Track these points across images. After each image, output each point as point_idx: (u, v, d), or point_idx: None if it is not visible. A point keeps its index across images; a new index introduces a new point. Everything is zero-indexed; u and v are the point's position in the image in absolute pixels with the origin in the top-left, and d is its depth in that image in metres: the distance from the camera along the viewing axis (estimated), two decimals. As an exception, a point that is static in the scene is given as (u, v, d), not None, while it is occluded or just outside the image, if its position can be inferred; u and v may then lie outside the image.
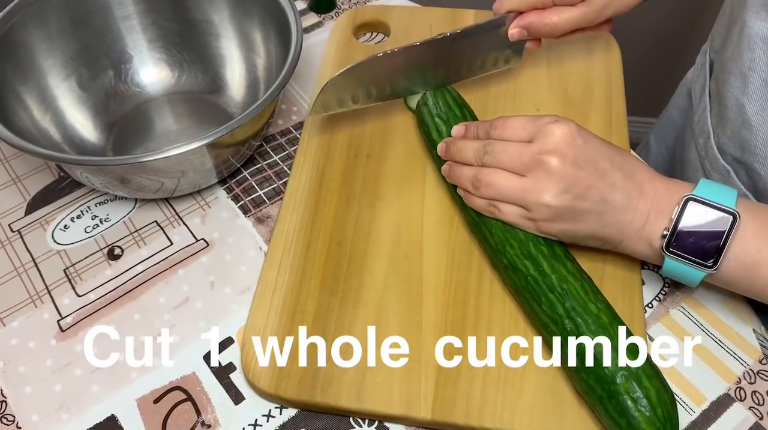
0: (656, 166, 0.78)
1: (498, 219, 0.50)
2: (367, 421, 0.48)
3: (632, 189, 0.47)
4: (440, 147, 0.55)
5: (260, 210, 0.59)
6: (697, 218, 0.45)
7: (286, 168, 0.62)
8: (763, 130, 0.54)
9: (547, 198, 0.46)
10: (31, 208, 0.60)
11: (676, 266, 0.47)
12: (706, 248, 0.45)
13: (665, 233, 0.46)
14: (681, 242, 0.46)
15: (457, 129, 0.55)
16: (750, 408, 0.48)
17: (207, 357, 0.51)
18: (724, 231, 0.45)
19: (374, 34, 0.72)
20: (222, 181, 0.61)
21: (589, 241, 0.49)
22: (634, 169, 0.48)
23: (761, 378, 0.49)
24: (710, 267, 0.45)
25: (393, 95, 0.59)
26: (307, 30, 0.74)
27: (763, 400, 0.48)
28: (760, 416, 0.47)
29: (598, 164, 0.47)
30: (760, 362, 0.50)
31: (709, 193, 0.46)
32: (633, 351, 0.44)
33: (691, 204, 0.45)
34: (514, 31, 0.58)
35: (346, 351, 0.49)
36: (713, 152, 0.61)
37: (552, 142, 0.47)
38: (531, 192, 0.47)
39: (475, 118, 0.57)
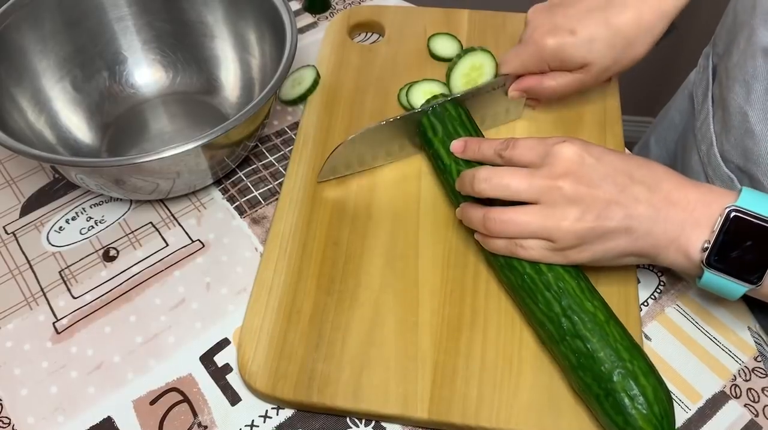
0: None
1: (523, 258, 0.47)
2: (363, 421, 0.48)
3: (658, 200, 0.45)
4: (458, 182, 0.52)
5: (256, 211, 0.59)
6: (741, 231, 0.43)
7: (281, 168, 0.62)
8: (766, 139, 0.53)
9: (567, 223, 0.45)
10: (25, 210, 0.60)
11: (715, 280, 0.44)
12: (750, 262, 0.43)
13: (706, 245, 0.44)
14: (723, 255, 0.43)
15: (456, 144, 0.53)
16: (745, 405, 0.48)
17: (203, 358, 0.51)
18: None
19: (369, 34, 0.73)
20: (217, 182, 0.61)
21: (626, 259, 0.47)
22: (658, 180, 0.46)
23: (756, 375, 0.49)
24: (753, 283, 0.43)
25: (400, 153, 0.59)
26: (302, 30, 0.74)
27: (759, 397, 0.48)
28: (755, 413, 0.48)
29: (615, 180, 0.45)
30: (755, 359, 0.50)
31: (754, 204, 0.43)
32: (629, 349, 0.44)
33: (734, 216, 0.43)
34: (513, 93, 0.59)
35: (343, 351, 0.49)
36: (716, 160, 0.60)
37: (562, 164, 0.45)
38: (550, 219, 0.45)
39: (470, 118, 0.57)
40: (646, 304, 0.53)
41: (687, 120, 0.71)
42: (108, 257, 0.56)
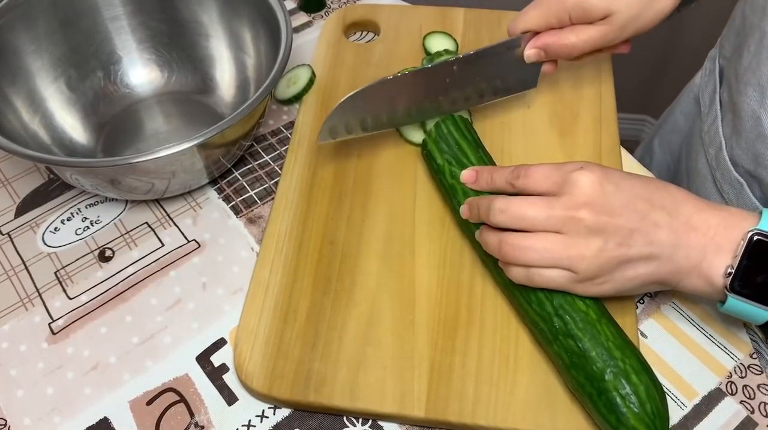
0: (660, 174, 0.77)
1: (542, 288, 0.46)
2: (360, 420, 0.48)
3: (678, 225, 0.44)
4: (463, 209, 0.51)
5: (252, 210, 0.59)
6: (765, 255, 0.42)
7: (277, 168, 0.62)
8: None
9: (591, 253, 0.43)
10: (20, 210, 0.59)
11: (739, 305, 0.43)
12: None
13: (730, 271, 0.42)
14: (747, 280, 0.42)
15: (467, 174, 0.51)
16: (741, 402, 0.48)
17: (200, 358, 0.51)
18: None
19: (364, 33, 0.72)
20: (213, 182, 0.61)
21: (648, 288, 0.46)
22: (677, 204, 0.44)
23: (752, 372, 0.49)
24: None
25: (402, 121, 0.57)
26: (297, 29, 0.74)
27: (754, 394, 0.48)
28: (751, 410, 0.48)
29: (636, 207, 0.44)
30: (751, 356, 0.50)
31: None
32: (621, 347, 0.44)
33: (757, 240, 0.42)
34: (530, 52, 0.55)
35: (339, 350, 0.49)
36: (725, 164, 0.59)
37: (582, 193, 0.44)
38: (573, 249, 0.43)
39: (464, 119, 0.56)
40: (642, 301, 0.53)
41: (693, 123, 0.70)
42: (104, 257, 0.56)
